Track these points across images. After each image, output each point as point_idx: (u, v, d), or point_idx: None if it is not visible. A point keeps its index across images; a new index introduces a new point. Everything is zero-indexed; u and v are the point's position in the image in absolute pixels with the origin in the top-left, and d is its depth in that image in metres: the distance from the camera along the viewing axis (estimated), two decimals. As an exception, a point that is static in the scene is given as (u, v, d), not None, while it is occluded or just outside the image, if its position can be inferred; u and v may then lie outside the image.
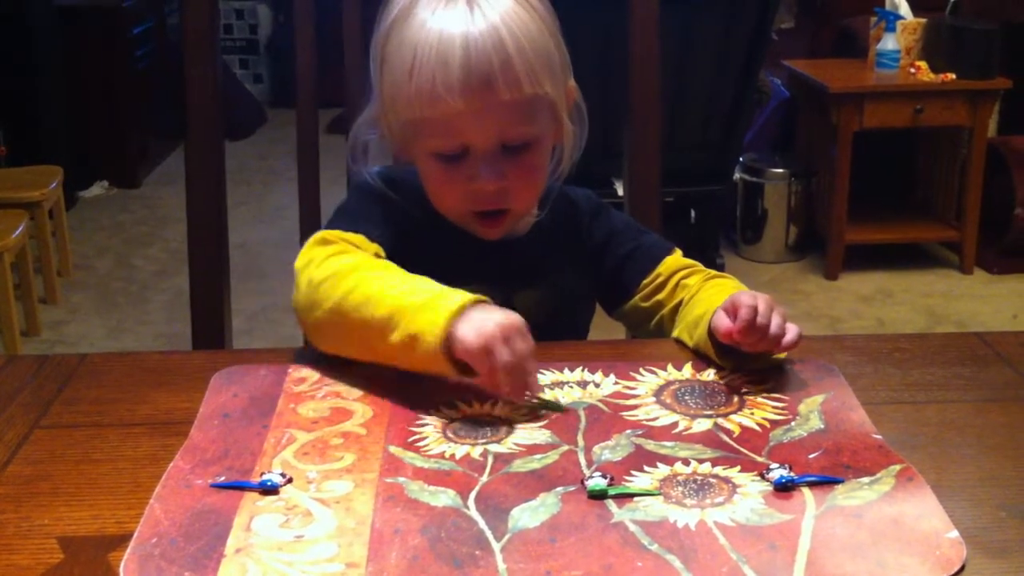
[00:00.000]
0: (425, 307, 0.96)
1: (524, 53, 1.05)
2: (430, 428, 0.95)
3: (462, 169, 1.09)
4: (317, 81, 1.35)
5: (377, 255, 1.08)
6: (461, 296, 0.96)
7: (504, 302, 1.17)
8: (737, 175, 3.94)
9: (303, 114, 1.35)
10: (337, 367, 1.05)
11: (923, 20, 3.81)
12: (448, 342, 0.94)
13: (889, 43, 3.77)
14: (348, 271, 1.02)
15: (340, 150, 1.25)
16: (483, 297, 0.97)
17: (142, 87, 4.88)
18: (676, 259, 1.22)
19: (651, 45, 1.35)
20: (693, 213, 3.87)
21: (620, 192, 1.41)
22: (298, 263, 1.07)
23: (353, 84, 1.34)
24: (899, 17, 3.79)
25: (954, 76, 3.65)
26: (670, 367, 1.07)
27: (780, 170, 3.95)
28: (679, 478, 0.87)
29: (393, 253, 1.09)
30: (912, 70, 3.73)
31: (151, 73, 4.96)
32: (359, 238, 1.09)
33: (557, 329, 1.16)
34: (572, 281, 1.22)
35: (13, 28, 4.20)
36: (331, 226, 1.12)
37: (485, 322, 0.93)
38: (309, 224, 1.35)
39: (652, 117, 1.36)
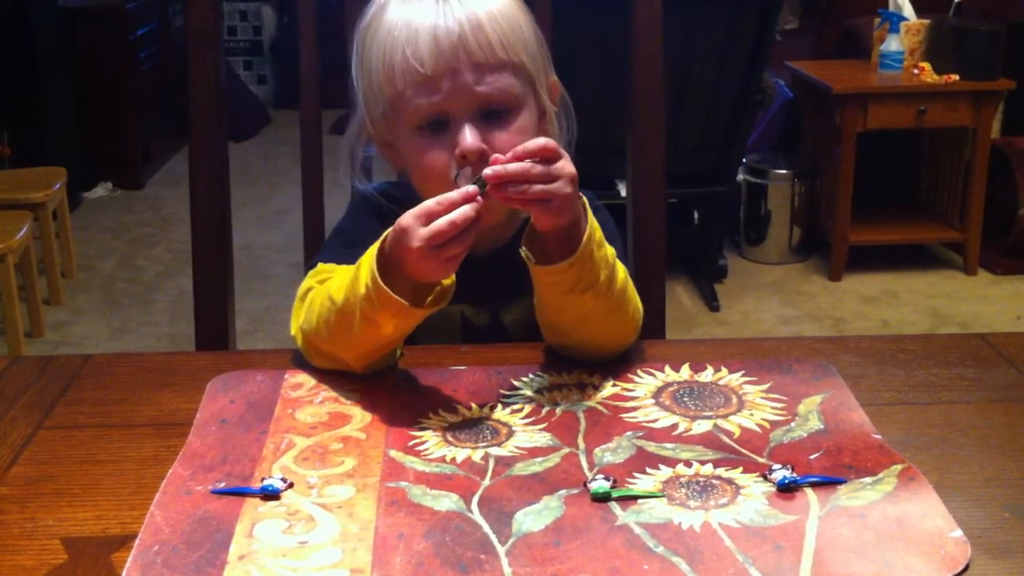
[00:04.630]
0: (358, 267, 1.00)
1: (496, 21, 1.06)
2: (430, 432, 0.95)
3: (444, 140, 1.07)
4: (321, 82, 1.35)
5: None
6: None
7: (492, 320, 1.17)
8: (740, 176, 3.93)
9: (307, 115, 1.36)
10: (333, 373, 1.06)
11: (926, 21, 3.80)
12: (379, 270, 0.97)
13: (893, 44, 3.77)
14: (312, 300, 1.06)
15: (343, 151, 1.25)
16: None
17: (146, 88, 4.89)
18: None
19: (654, 47, 1.34)
20: (696, 214, 3.87)
21: (623, 193, 1.40)
22: (292, 329, 1.10)
23: (356, 85, 1.34)
24: (903, 18, 3.79)
25: (957, 77, 3.65)
26: (667, 368, 1.07)
27: (784, 171, 3.95)
28: (682, 480, 0.87)
29: None
30: (915, 71, 3.73)
31: (155, 74, 4.97)
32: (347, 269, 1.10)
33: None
34: None
35: (17, 29, 4.21)
36: (325, 251, 1.14)
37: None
38: (313, 225, 1.35)
39: (655, 119, 1.35)
